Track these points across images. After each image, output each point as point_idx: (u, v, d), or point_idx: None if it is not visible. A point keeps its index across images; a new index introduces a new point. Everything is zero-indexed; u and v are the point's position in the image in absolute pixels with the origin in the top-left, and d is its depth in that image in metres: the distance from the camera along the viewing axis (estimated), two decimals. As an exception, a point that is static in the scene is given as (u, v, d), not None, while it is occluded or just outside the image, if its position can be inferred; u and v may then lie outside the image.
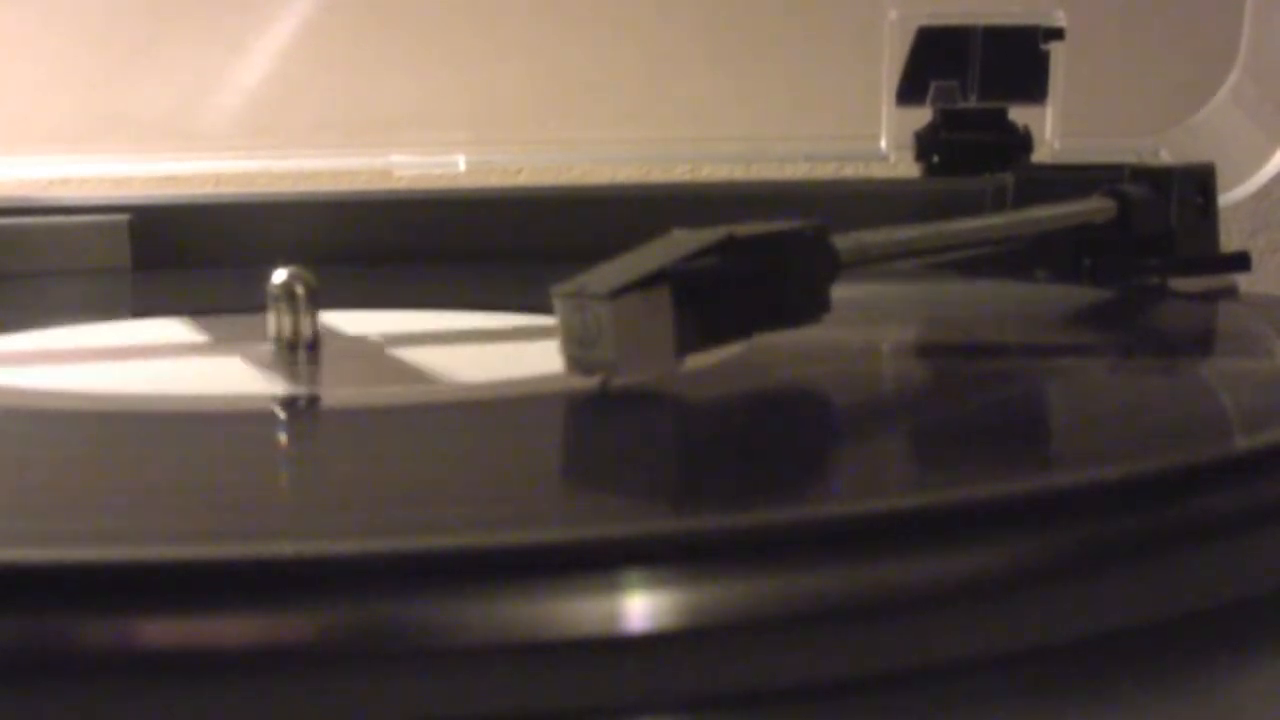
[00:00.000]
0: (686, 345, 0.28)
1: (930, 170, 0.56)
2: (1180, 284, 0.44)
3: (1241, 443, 0.26)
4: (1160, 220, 0.43)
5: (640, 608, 0.18)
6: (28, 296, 0.47)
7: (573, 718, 0.17)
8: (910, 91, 0.55)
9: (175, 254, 0.50)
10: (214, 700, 0.17)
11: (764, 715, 0.18)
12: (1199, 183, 0.45)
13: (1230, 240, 0.49)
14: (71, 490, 0.23)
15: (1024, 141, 0.55)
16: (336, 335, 0.35)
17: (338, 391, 0.31)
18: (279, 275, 0.33)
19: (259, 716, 0.17)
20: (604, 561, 0.18)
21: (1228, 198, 0.51)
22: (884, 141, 0.56)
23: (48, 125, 0.58)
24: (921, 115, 0.56)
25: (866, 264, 0.32)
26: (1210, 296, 0.43)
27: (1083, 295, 0.42)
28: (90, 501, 0.22)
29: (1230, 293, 0.44)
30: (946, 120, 0.55)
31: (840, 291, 0.31)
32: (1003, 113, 0.55)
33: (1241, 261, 0.45)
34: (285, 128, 0.58)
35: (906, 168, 0.57)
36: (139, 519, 0.21)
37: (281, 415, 0.29)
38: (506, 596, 0.17)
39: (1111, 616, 0.20)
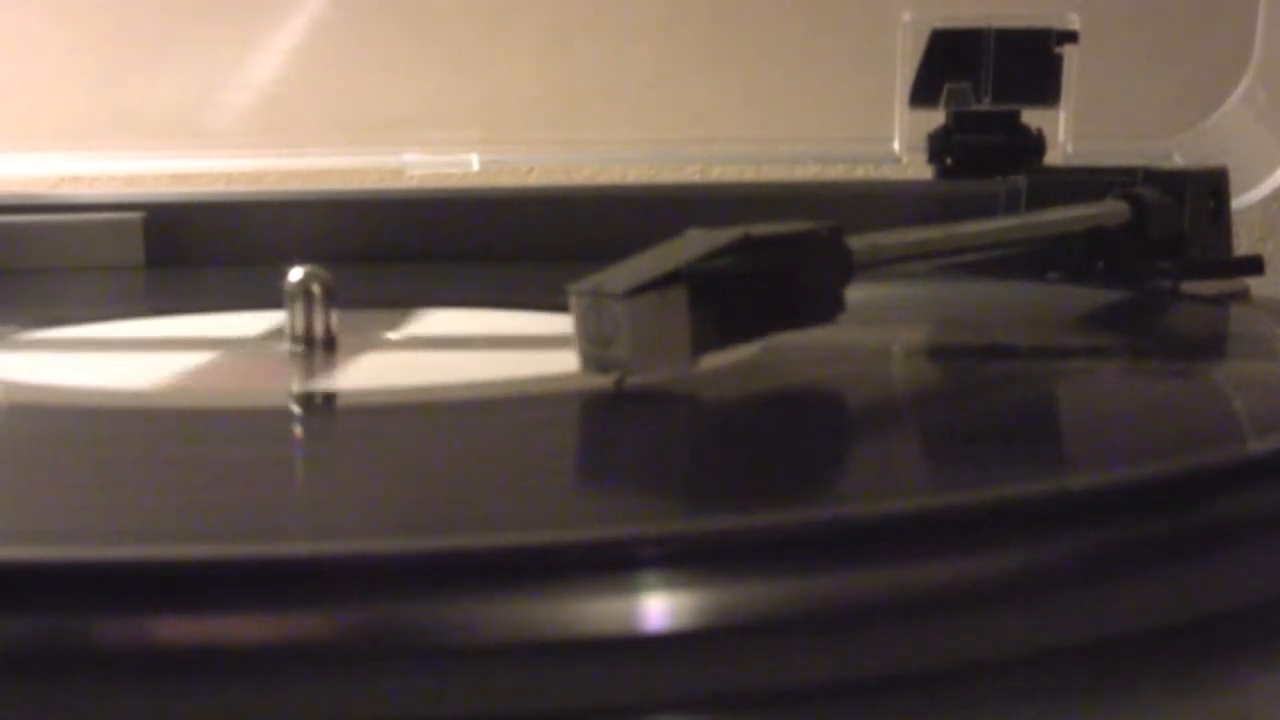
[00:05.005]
0: (702, 345, 0.28)
1: (943, 172, 0.56)
2: (1192, 287, 0.44)
3: (1253, 446, 0.26)
4: (1173, 223, 0.43)
5: (656, 608, 0.18)
6: (40, 293, 0.47)
7: (589, 717, 0.17)
8: (923, 93, 0.55)
9: (188, 252, 0.50)
10: (228, 699, 0.17)
11: (780, 715, 0.18)
12: (1212, 186, 0.45)
13: (1240, 244, 0.49)
14: (83, 488, 0.23)
15: (1037, 144, 0.55)
16: (352, 333, 0.35)
17: (354, 389, 0.31)
18: (296, 273, 0.33)
19: (275, 716, 0.17)
20: (619, 561, 0.18)
21: (1239, 202, 0.51)
22: (897, 143, 0.56)
23: (58, 122, 0.58)
24: (934, 117, 0.56)
25: (880, 265, 0.32)
26: (1222, 300, 0.43)
27: (1095, 298, 0.42)
28: (101, 499, 0.22)
29: (1242, 296, 0.44)
30: (959, 122, 0.55)
31: (854, 292, 0.31)
32: (1016, 115, 0.55)
33: (1254, 265, 0.45)
34: (297, 126, 0.58)
35: (919, 170, 0.57)
36: (151, 517, 0.21)
37: (298, 413, 0.29)
38: (522, 596, 0.17)
39: (1128, 619, 0.20)
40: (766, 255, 0.29)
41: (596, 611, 0.18)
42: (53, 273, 0.49)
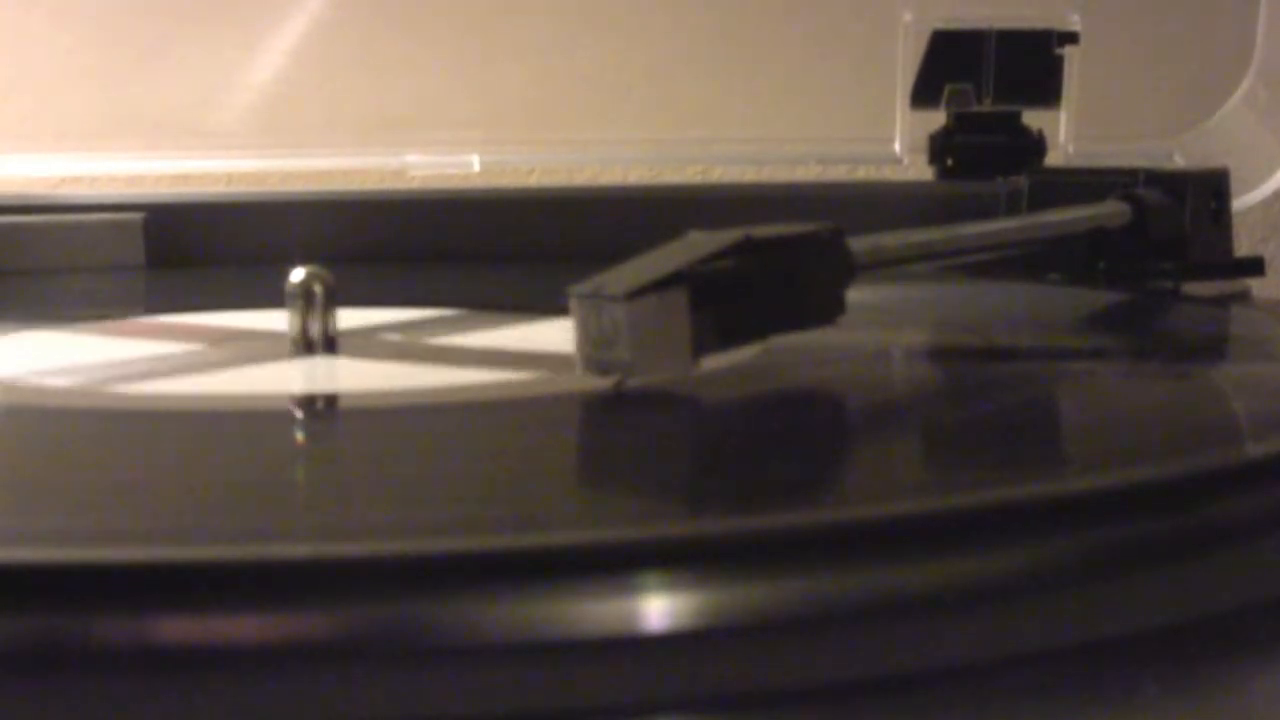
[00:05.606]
0: (703, 346, 0.28)
1: (944, 173, 0.56)
2: (1193, 288, 0.44)
3: (1253, 447, 0.26)
4: (1175, 225, 0.43)
5: (655, 609, 0.18)
6: (40, 293, 0.47)
7: (589, 717, 0.17)
8: (924, 94, 0.55)
9: (189, 252, 0.50)
10: (228, 699, 0.17)
11: (780, 715, 0.18)
12: (1213, 187, 0.45)
13: (1241, 245, 0.49)
14: (83, 488, 0.23)
15: (1038, 145, 0.55)
16: (354, 334, 0.35)
17: (355, 391, 0.31)
18: (297, 274, 0.33)
19: (275, 716, 0.17)
20: (619, 563, 0.18)
21: (1240, 202, 0.51)
22: (898, 144, 0.56)
23: (59, 122, 0.58)
24: (936, 118, 0.56)
25: (881, 266, 0.32)
26: (1223, 301, 0.43)
27: (1096, 299, 0.42)
28: (101, 500, 0.22)
29: (1243, 297, 0.44)
30: (960, 123, 0.55)
31: (855, 294, 0.31)
32: (1017, 116, 0.55)
33: (1255, 266, 0.45)
34: (298, 127, 0.58)
35: (920, 170, 0.57)
36: (151, 518, 0.21)
37: (299, 415, 0.29)
38: (522, 597, 0.17)
39: (1128, 619, 0.20)
40: (767, 257, 0.29)
41: (596, 612, 0.18)
42: (53, 273, 0.49)
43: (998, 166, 0.53)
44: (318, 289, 0.33)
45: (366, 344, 0.35)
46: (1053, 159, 0.55)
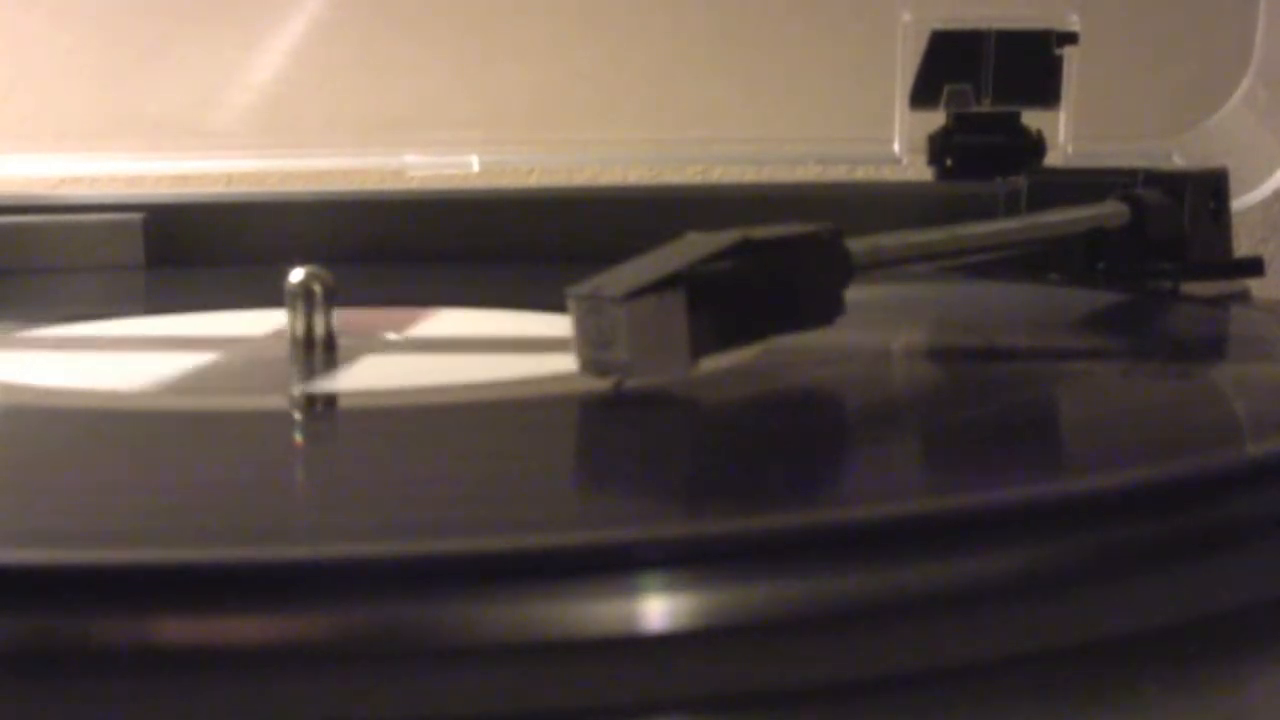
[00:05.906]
0: (701, 347, 0.28)
1: (943, 173, 0.56)
2: (1192, 288, 0.44)
3: (1253, 447, 0.26)
4: (1174, 225, 0.43)
5: (655, 610, 0.18)
6: (40, 293, 0.47)
7: (589, 718, 0.17)
8: (923, 95, 0.55)
9: (189, 252, 0.50)
10: (228, 699, 0.17)
11: (780, 715, 0.18)
12: (1212, 187, 0.45)
13: (1241, 245, 0.49)
14: (82, 489, 0.23)
15: (1037, 145, 0.55)
16: (352, 334, 0.35)
17: (354, 391, 0.31)
18: (296, 274, 0.33)
19: (275, 716, 0.17)
20: (619, 563, 0.18)
21: (1240, 202, 0.51)
22: (897, 144, 0.56)
23: (59, 123, 0.58)
24: (935, 118, 0.56)
25: (880, 267, 0.32)
26: (1222, 301, 0.43)
27: (1095, 299, 0.42)
28: (100, 501, 0.22)
29: (1242, 297, 0.44)
30: (960, 123, 0.55)
31: (854, 294, 0.31)
32: (1016, 116, 0.55)
33: (1254, 266, 0.45)
34: (298, 127, 0.58)
35: (919, 171, 0.57)
36: (151, 519, 0.21)
37: (297, 415, 0.29)
38: (522, 598, 0.17)
39: (1128, 619, 0.20)
40: (766, 258, 0.29)
41: (596, 613, 0.18)
42: (53, 273, 0.49)
43: (997, 167, 0.53)
44: (317, 289, 0.33)
45: (365, 345, 0.35)
46: (1052, 159, 0.55)
